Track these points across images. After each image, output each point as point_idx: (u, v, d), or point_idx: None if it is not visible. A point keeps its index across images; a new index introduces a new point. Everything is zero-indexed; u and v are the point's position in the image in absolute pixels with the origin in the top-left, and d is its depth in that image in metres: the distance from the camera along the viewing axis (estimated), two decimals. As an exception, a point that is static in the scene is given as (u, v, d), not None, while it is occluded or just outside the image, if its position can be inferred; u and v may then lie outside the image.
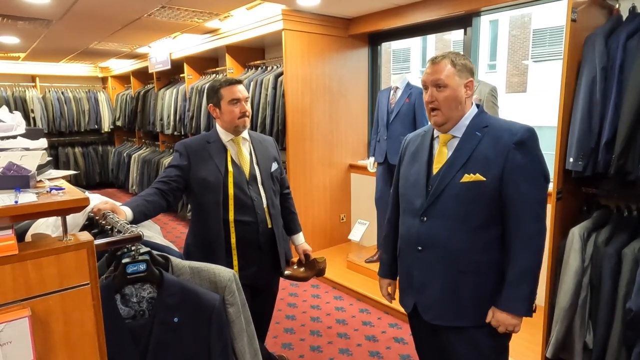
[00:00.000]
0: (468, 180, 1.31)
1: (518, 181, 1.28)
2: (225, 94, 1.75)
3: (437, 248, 1.36)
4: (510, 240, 1.32)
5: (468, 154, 1.33)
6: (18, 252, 0.81)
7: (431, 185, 1.38)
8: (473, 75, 1.38)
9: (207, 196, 1.71)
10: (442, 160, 1.39)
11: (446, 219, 1.35)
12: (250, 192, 1.76)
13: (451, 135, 1.39)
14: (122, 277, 1.08)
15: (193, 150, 1.74)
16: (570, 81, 1.95)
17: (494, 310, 1.34)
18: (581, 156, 1.88)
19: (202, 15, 3.67)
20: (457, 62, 1.33)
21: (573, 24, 1.90)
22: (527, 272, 1.29)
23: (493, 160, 1.29)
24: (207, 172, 1.71)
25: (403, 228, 1.50)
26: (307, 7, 3.40)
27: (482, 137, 1.33)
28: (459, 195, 1.32)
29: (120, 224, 1.13)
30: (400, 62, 16.54)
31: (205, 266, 1.24)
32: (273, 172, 1.86)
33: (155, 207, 1.57)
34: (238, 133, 1.80)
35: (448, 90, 1.33)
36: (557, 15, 12.66)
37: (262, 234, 1.78)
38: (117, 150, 7.50)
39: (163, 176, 1.68)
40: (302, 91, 3.75)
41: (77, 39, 4.73)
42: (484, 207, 1.31)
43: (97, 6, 3.31)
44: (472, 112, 1.39)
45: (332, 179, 4.13)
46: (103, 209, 1.28)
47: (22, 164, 1.01)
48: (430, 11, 3.26)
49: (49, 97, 7.10)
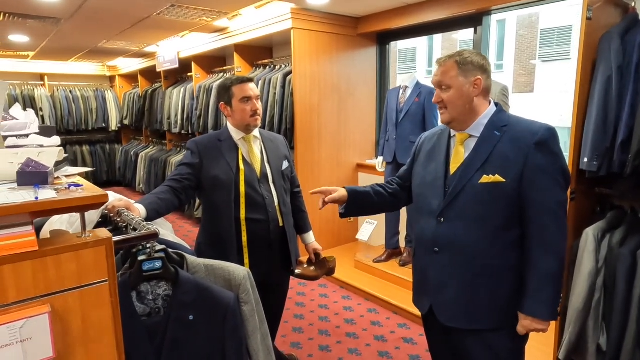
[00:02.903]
0: (487, 182, 1.28)
1: (538, 182, 1.25)
2: (236, 92, 1.75)
3: (454, 250, 1.34)
4: (530, 242, 1.29)
5: (487, 154, 1.30)
6: (38, 248, 0.81)
7: (449, 186, 1.35)
8: (485, 72, 1.33)
9: (219, 194, 1.70)
10: (459, 160, 1.36)
11: (464, 221, 1.32)
12: (262, 190, 1.76)
13: (468, 135, 1.36)
14: (138, 275, 1.08)
15: (205, 148, 1.74)
16: (584, 80, 1.93)
17: (519, 315, 1.32)
18: (596, 156, 1.85)
19: (211, 14, 3.68)
20: (462, 61, 1.30)
21: (588, 23, 1.88)
22: (550, 275, 1.26)
23: (513, 161, 1.26)
24: (219, 170, 1.71)
25: (418, 228, 1.48)
26: (317, 5, 3.40)
27: (501, 136, 1.30)
28: (478, 197, 1.29)
29: (136, 222, 1.13)
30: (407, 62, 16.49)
31: (219, 264, 1.24)
32: (284, 170, 1.86)
33: (168, 205, 1.57)
34: (249, 131, 1.80)
35: (451, 90, 1.31)
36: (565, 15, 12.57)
37: (274, 232, 1.78)
38: (125, 148, 7.54)
39: (175, 174, 1.68)
40: (311, 90, 3.74)
41: (86, 37, 4.76)
42: (503, 209, 1.28)
43: (108, 5, 3.32)
44: (490, 110, 1.36)
45: (340, 178, 4.12)
46: (117, 206, 1.28)
47: (40, 161, 1.01)
48: (440, 10, 3.24)
49: (57, 95, 7.15)
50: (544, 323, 1.28)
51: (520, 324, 1.31)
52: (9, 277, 0.79)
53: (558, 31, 12.91)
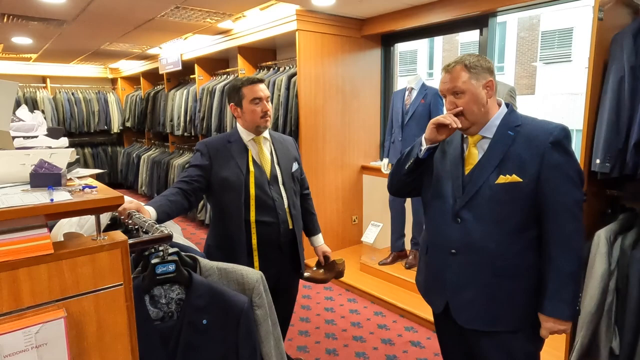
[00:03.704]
0: (504, 182, 1.28)
1: (556, 181, 1.25)
2: (247, 93, 1.73)
3: (472, 251, 1.33)
4: (548, 242, 1.28)
5: (501, 155, 1.29)
6: (53, 251, 0.79)
7: (464, 186, 1.35)
8: (492, 74, 1.33)
9: (228, 196, 1.69)
10: (472, 161, 1.35)
11: (481, 222, 1.31)
12: (272, 193, 1.74)
13: (481, 136, 1.35)
14: (151, 278, 1.06)
15: (214, 149, 1.72)
16: (596, 81, 1.92)
17: (540, 317, 1.30)
18: (608, 157, 1.83)
19: (215, 15, 3.67)
20: (471, 64, 1.30)
21: (599, 23, 1.86)
22: (569, 274, 1.26)
23: (528, 161, 1.26)
24: (229, 171, 1.69)
25: (432, 229, 1.46)
26: (322, 7, 3.39)
27: (515, 136, 1.30)
28: (495, 197, 1.29)
29: (149, 224, 1.11)
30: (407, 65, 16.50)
31: (232, 267, 1.22)
32: (294, 172, 1.84)
33: (178, 207, 1.55)
34: (259, 133, 1.78)
35: (466, 95, 1.30)
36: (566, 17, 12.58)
37: (284, 234, 1.76)
38: (127, 151, 7.52)
39: (184, 176, 1.66)
40: (315, 92, 3.73)
41: (89, 39, 4.75)
42: (520, 209, 1.28)
43: (112, 7, 3.31)
44: (502, 111, 1.36)
45: (345, 180, 4.10)
46: (128, 208, 1.26)
47: (52, 162, 0.99)
48: (445, 11, 3.23)
49: (59, 98, 7.14)
50: (565, 323, 1.28)
51: (543, 326, 1.30)
52: (24, 281, 0.77)
53: (559, 33, 12.93)
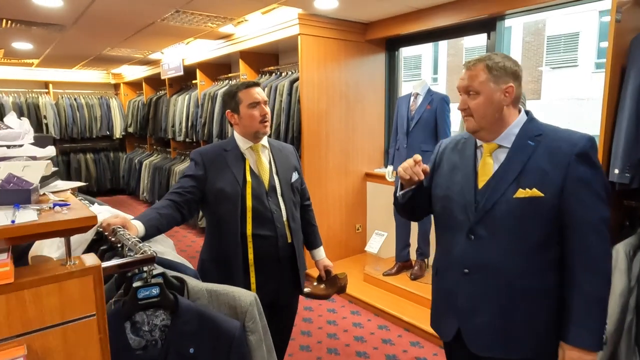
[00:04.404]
0: (523, 196, 1.16)
1: (581, 197, 1.14)
2: (243, 98, 1.64)
3: (487, 271, 1.22)
4: (572, 263, 1.17)
5: (521, 166, 1.18)
6: (14, 280, 0.70)
7: (478, 200, 1.24)
8: (517, 79, 1.22)
9: (224, 208, 1.59)
10: (487, 172, 1.25)
11: (498, 239, 1.20)
12: (270, 204, 1.64)
13: (497, 145, 1.25)
14: (132, 303, 0.97)
15: (209, 159, 1.63)
16: (613, 86, 1.81)
17: (563, 346, 1.18)
18: (627, 167, 1.73)
19: (216, 20, 3.60)
20: (494, 66, 1.20)
21: (617, 25, 1.76)
22: (596, 300, 1.14)
23: (551, 174, 1.15)
24: (224, 182, 1.60)
25: (443, 246, 1.36)
26: (324, 11, 3.31)
27: (535, 147, 1.19)
28: (513, 213, 1.18)
29: (132, 242, 1.02)
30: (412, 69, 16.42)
31: (224, 289, 1.12)
32: (293, 182, 1.74)
33: (169, 221, 1.45)
34: (258, 139, 1.69)
35: (480, 97, 1.21)
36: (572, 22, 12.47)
37: (282, 248, 1.66)
38: (129, 156, 7.47)
39: (177, 187, 1.57)
40: (318, 97, 3.64)
41: (90, 44, 4.70)
42: (541, 226, 1.17)
43: (111, 11, 3.24)
44: (521, 119, 1.25)
45: (348, 188, 4.00)
46: (113, 223, 1.17)
47: (23, 176, 0.90)
48: (452, 15, 3.14)
49: (61, 103, 7.10)
50: (592, 354, 1.15)
51: (567, 356, 1.17)
52: (-21, 315, 0.68)
53: (565, 38, 12.81)
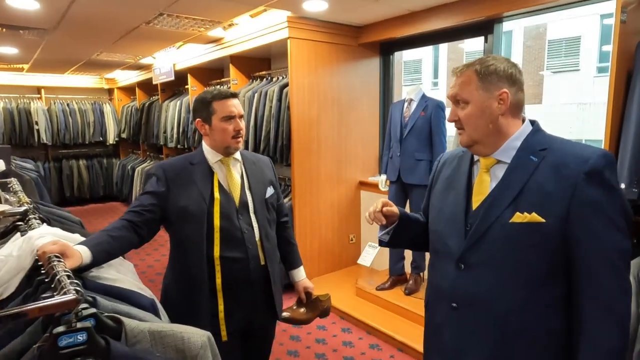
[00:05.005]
0: (521, 221, 1.00)
1: (590, 224, 0.96)
2: (218, 109, 1.49)
3: (478, 306, 1.05)
4: (582, 305, 0.98)
5: (520, 186, 1.02)
6: None
7: (470, 224, 1.08)
8: (514, 84, 1.05)
9: (188, 228, 1.44)
10: (483, 191, 1.09)
11: (491, 270, 1.04)
12: (240, 223, 1.49)
13: (495, 160, 1.08)
14: (52, 353, 0.81)
15: (173, 173, 1.48)
16: (618, 92, 1.67)
17: None
18: (635, 182, 1.58)
19: (203, 23, 3.47)
20: (484, 70, 1.05)
21: (622, 26, 1.62)
22: (609, 352, 0.94)
23: (555, 195, 0.98)
24: (188, 199, 1.45)
25: (433, 275, 1.20)
26: (314, 13, 3.17)
27: (539, 163, 1.02)
28: (509, 240, 1.01)
29: (59, 278, 0.87)
30: (412, 74, 16.30)
31: (171, 329, 0.97)
32: (268, 198, 1.59)
33: (122, 244, 1.30)
34: (229, 154, 1.54)
35: (469, 107, 1.06)
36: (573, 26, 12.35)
37: (254, 271, 1.51)
38: (122, 163, 7.34)
39: (135, 205, 1.42)
40: (309, 103, 3.50)
41: (77, 49, 4.58)
42: (541, 257, 0.99)
43: (91, 14, 3.12)
44: (524, 130, 1.08)
45: (341, 197, 3.85)
46: (49, 251, 1.03)
47: None
48: (447, 17, 3.00)
49: (53, 109, 6.99)
50: None
51: None
52: None
53: (566, 42, 12.68)
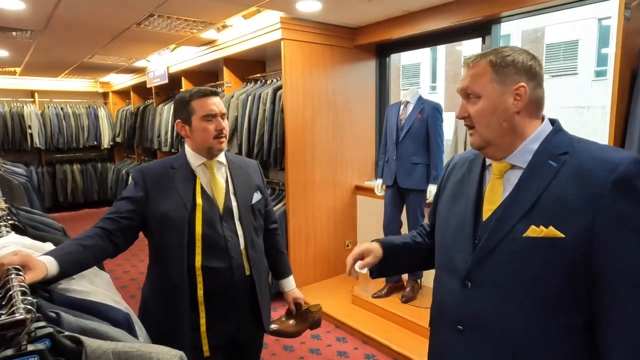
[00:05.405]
0: (535, 236, 0.87)
1: (619, 242, 0.82)
2: (197, 108, 1.41)
3: (485, 330, 0.94)
4: (603, 332, 0.85)
5: (535, 195, 0.89)
6: None
7: (479, 237, 0.96)
8: (533, 77, 0.93)
9: (168, 236, 1.35)
10: (495, 199, 0.97)
11: (501, 290, 0.92)
12: (224, 231, 1.40)
13: (509, 165, 0.96)
14: (-2, 380, 0.73)
15: (152, 178, 1.40)
16: (622, 94, 1.59)
17: None
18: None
19: (195, 25, 3.40)
20: (500, 61, 0.93)
21: (626, 24, 1.54)
22: None
23: (576, 207, 0.85)
24: (168, 205, 1.36)
25: (437, 292, 1.09)
26: (308, 13, 3.10)
27: (558, 169, 0.89)
28: (521, 257, 0.89)
29: (11, 294, 0.78)
30: (410, 78, 16.28)
31: (139, 349, 0.88)
32: (254, 204, 1.50)
33: (95, 254, 1.21)
34: (212, 156, 1.46)
35: (481, 101, 0.94)
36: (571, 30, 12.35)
37: (239, 282, 1.42)
38: (117, 167, 7.25)
39: (111, 212, 1.34)
40: (303, 106, 3.43)
41: (68, 51, 4.51)
42: (559, 278, 0.86)
43: (79, 15, 3.05)
44: (542, 131, 0.95)
45: (337, 202, 3.76)
46: (8, 263, 0.94)
47: None
48: (444, 18, 2.93)
49: (47, 112, 6.91)
50: None
51: None
52: None
53: (564, 46, 12.68)
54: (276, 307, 3.14)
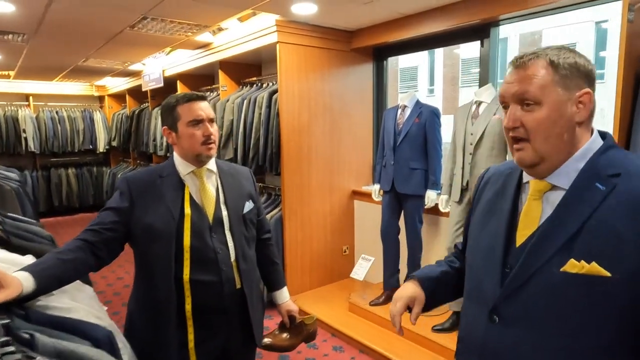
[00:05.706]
0: (575, 272, 0.75)
1: None
2: (182, 113, 1.36)
3: None
4: None
5: (578, 224, 0.76)
6: None
7: (510, 265, 0.84)
8: (592, 84, 0.81)
9: (155, 248, 1.29)
10: (531, 223, 0.84)
11: (532, 330, 0.80)
12: (213, 242, 1.34)
13: (550, 185, 0.83)
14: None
15: (138, 187, 1.34)
16: (626, 98, 1.54)
17: None
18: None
19: (190, 27, 3.35)
20: (562, 62, 0.79)
21: (630, 26, 1.50)
22: None
23: (628, 241, 0.72)
24: (155, 216, 1.30)
25: (463, 322, 0.99)
26: (304, 16, 3.06)
27: (607, 193, 0.76)
28: (558, 294, 0.77)
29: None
30: (407, 81, 16.28)
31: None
32: (246, 213, 1.44)
33: (77, 268, 1.15)
34: (201, 163, 1.40)
35: (543, 109, 0.79)
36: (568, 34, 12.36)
37: (229, 296, 1.36)
38: (112, 171, 7.18)
39: (94, 223, 1.27)
40: (299, 110, 3.38)
41: (62, 55, 4.46)
42: (600, 323, 0.74)
43: (71, 17, 2.99)
44: (590, 147, 0.81)
45: (334, 207, 3.71)
46: (-21, 279, 0.88)
47: None
48: (442, 21, 2.89)
49: (42, 116, 6.84)
50: None
51: None
52: None
53: (563, 49, 12.70)
54: (272, 314, 3.08)
